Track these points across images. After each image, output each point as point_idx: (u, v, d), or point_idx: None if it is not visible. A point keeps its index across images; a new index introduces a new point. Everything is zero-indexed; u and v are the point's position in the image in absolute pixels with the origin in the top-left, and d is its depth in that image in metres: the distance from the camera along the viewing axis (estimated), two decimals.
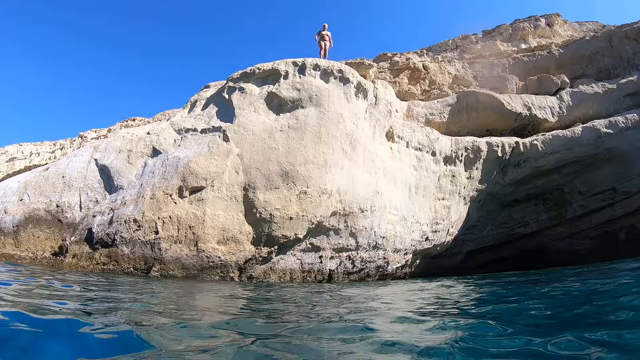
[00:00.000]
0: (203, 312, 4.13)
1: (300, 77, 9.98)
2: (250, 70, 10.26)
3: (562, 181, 14.33)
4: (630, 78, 14.71)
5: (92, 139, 15.45)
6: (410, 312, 4.36)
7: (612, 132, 13.44)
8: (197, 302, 5.04)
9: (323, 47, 11.83)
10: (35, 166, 15.47)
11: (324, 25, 12.18)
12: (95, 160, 10.35)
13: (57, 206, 9.78)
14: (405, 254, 11.41)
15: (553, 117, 14.06)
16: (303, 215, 8.95)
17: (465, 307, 4.88)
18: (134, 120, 15.84)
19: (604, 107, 14.55)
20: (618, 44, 16.03)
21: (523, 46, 15.86)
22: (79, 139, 16.07)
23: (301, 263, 9.31)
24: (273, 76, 10.12)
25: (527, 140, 13.13)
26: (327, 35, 12.00)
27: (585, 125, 13.72)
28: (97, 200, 9.68)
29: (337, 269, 9.80)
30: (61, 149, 16.43)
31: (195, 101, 11.05)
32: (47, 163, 15.39)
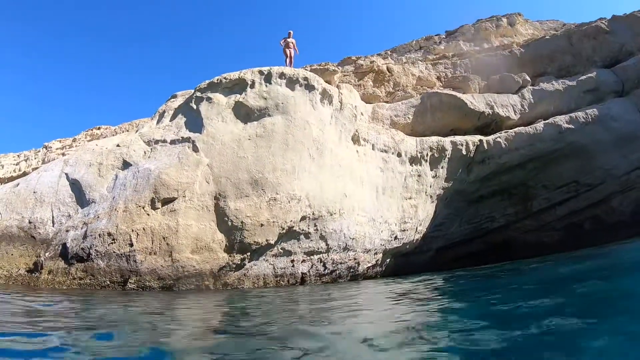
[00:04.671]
0: None
1: (266, 85, 10.17)
2: (217, 80, 10.39)
3: (526, 176, 14.80)
4: (590, 75, 15.13)
5: (57, 149, 15.19)
6: None
7: (573, 127, 13.85)
8: None
9: (288, 54, 11.97)
10: (0, 179, 15.12)
11: (289, 33, 12.32)
12: (66, 174, 10.35)
13: (30, 222, 9.74)
14: (376, 253, 11.78)
15: (515, 114, 14.57)
16: (273, 222, 9.19)
17: None
18: (99, 129, 15.61)
19: (565, 103, 14.94)
20: (577, 42, 16.40)
21: (485, 46, 16.33)
22: (44, 149, 15.74)
23: (274, 268, 9.56)
24: (240, 85, 10.27)
25: (490, 138, 13.59)
26: (292, 42, 12.14)
27: (546, 121, 14.14)
28: (69, 215, 9.68)
29: (309, 272, 10.09)
30: (26, 161, 16.02)
31: (164, 112, 11.11)
32: (12, 175, 15.12)
